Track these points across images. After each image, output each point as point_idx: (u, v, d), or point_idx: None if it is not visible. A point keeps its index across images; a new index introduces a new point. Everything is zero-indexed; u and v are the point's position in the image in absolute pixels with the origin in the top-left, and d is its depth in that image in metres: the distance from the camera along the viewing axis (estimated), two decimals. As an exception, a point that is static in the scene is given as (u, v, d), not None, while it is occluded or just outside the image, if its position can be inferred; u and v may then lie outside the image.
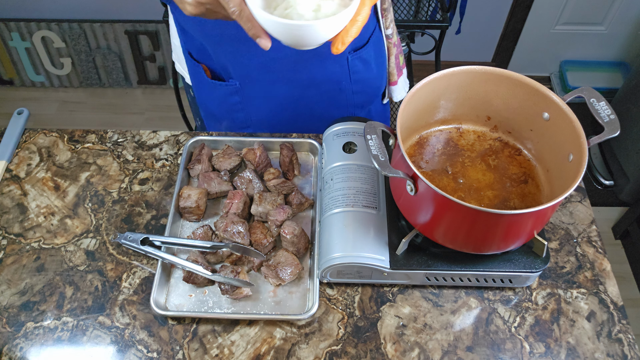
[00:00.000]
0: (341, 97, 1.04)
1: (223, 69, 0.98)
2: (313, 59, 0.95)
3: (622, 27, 2.32)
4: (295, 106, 1.04)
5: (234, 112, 1.04)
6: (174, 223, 0.86)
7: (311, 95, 1.02)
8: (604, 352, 0.76)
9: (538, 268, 0.76)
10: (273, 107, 1.03)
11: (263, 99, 1.01)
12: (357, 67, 1.01)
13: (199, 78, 1.02)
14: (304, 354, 0.76)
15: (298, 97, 1.02)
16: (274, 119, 1.05)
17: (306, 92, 1.01)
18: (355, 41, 0.97)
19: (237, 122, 1.06)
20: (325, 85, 1.01)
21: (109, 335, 0.77)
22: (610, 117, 0.72)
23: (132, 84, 2.52)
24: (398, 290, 0.82)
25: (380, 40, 1.04)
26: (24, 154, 0.99)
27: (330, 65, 0.98)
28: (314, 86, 1.01)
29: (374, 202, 0.81)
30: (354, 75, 1.02)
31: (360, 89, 1.05)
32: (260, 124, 1.06)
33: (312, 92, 1.01)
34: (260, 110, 1.04)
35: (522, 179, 0.82)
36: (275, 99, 1.01)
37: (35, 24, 2.28)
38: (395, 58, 1.08)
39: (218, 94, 1.02)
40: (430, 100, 0.81)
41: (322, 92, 1.02)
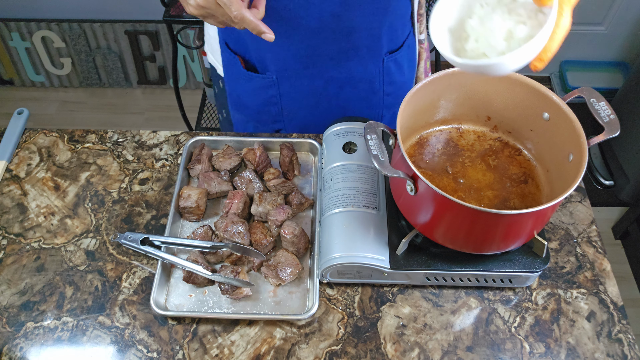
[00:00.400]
0: (374, 98, 1.05)
1: (260, 61, 0.98)
2: (353, 58, 0.96)
3: (622, 27, 2.32)
4: (329, 103, 1.04)
5: (268, 105, 1.04)
6: (174, 223, 0.86)
7: (346, 93, 1.03)
8: (604, 352, 0.76)
9: (538, 268, 0.76)
10: (307, 103, 1.03)
11: (299, 94, 1.02)
12: (391, 69, 1.02)
13: (234, 69, 1.02)
14: (304, 354, 0.76)
15: (333, 94, 1.02)
16: (306, 115, 1.05)
17: (342, 90, 1.02)
18: (391, 44, 0.99)
19: (270, 115, 1.06)
20: (360, 84, 1.02)
21: (109, 335, 0.77)
22: (610, 117, 0.72)
23: (132, 84, 2.52)
24: (398, 290, 0.82)
25: (413, 45, 1.06)
26: (24, 154, 0.99)
27: (368, 65, 0.99)
28: (350, 84, 1.01)
29: (374, 202, 0.81)
30: (387, 77, 1.02)
31: (392, 90, 1.06)
32: (291, 118, 1.06)
33: (348, 90, 1.02)
34: (294, 104, 1.04)
35: (522, 179, 0.82)
36: (311, 94, 1.02)
37: (35, 24, 2.28)
38: (424, 62, 1.10)
39: (254, 86, 1.02)
40: (430, 100, 0.81)
41: (357, 91, 1.03)
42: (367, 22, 0.91)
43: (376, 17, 0.91)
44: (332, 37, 0.91)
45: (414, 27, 1.04)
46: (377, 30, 0.93)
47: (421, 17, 1.03)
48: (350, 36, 0.92)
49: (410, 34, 1.04)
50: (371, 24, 0.92)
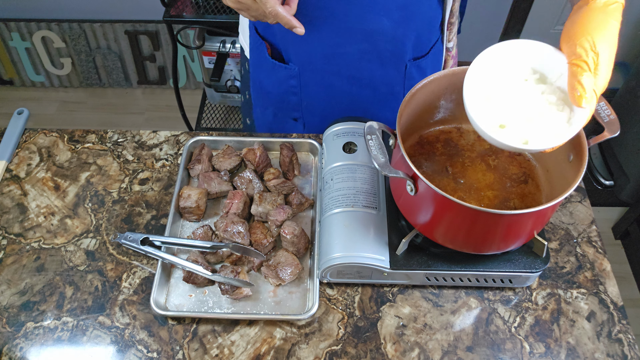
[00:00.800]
0: (393, 101, 1.05)
1: (285, 50, 0.99)
2: (374, 60, 0.96)
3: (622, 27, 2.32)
4: (349, 102, 1.04)
5: (289, 95, 1.04)
6: (174, 223, 0.86)
7: (366, 94, 1.02)
8: (604, 352, 0.76)
9: (538, 268, 0.76)
10: (328, 98, 1.04)
11: (320, 88, 1.02)
12: (413, 74, 1.02)
13: (260, 55, 1.03)
14: (304, 354, 0.76)
15: (354, 94, 1.03)
16: (325, 109, 1.06)
17: (363, 91, 1.02)
18: (417, 50, 0.99)
19: (289, 104, 1.06)
20: (381, 87, 1.02)
21: (109, 335, 0.77)
22: (610, 117, 0.71)
23: (132, 84, 2.52)
24: (398, 290, 0.82)
25: (440, 52, 1.05)
26: (24, 154, 0.99)
27: (390, 69, 0.99)
28: (370, 86, 1.01)
29: (374, 202, 0.81)
30: (408, 82, 1.02)
31: None
32: (311, 110, 1.06)
33: (368, 91, 1.02)
34: (314, 97, 1.04)
35: (522, 179, 0.82)
36: (332, 90, 1.02)
37: (35, 24, 2.28)
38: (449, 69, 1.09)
39: (276, 74, 1.02)
40: (430, 100, 0.81)
41: (378, 93, 1.03)
42: (392, 27, 0.91)
43: (402, 24, 0.91)
44: (355, 38, 0.92)
45: (443, 35, 1.03)
46: (402, 36, 0.93)
47: (452, 25, 1.02)
48: (373, 39, 0.92)
49: (438, 41, 1.03)
50: (396, 30, 0.92)
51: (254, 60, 1.05)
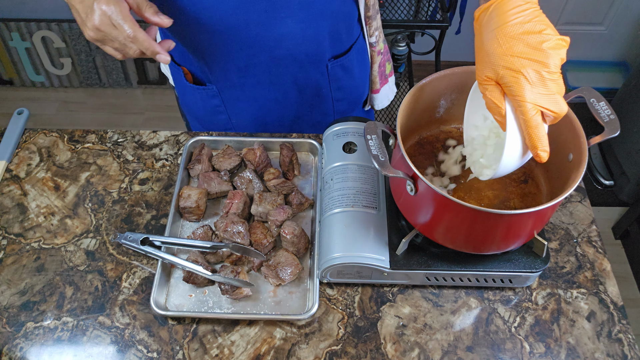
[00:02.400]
0: (323, 103, 1.04)
1: (203, 73, 0.98)
2: (292, 65, 0.95)
3: (622, 27, 2.32)
4: (279, 109, 1.03)
5: (216, 115, 1.05)
6: (174, 223, 0.86)
7: (294, 98, 1.02)
8: (604, 352, 0.76)
9: (538, 268, 0.76)
10: (256, 110, 1.03)
11: (245, 102, 1.02)
12: (337, 74, 1.00)
13: (180, 81, 1.03)
14: (304, 354, 0.76)
15: (281, 99, 1.02)
16: (257, 121, 1.05)
17: (288, 95, 1.01)
18: (336, 49, 0.97)
19: (219, 123, 1.07)
20: (306, 90, 1.01)
21: (109, 335, 0.77)
22: (610, 117, 0.71)
23: (132, 84, 2.52)
24: (398, 290, 0.82)
25: (363, 48, 1.03)
26: (24, 154, 0.99)
27: (310, 71, 0.97)
28: (296, 90, 1.00)
29: (374, 202, 0.81)
30: (334, 83, 1.01)
31: (342, 96, 1.04)
32: (242, 125, 1.06)
33: (295, 95, 1.01)
34: (242, 112, 1.04)
35: (522, 179, 0.82)
36: (258, 101, 1.01)
37: (35, 24, 2.28)
38: (379, 66, 1.07)
39: (199, 97, 1.02)
40: (430, 100, 0.81)
41: (305, 96, 1.02)
42: (300, 28, 0.88)
43: (311, 24, 0.89)
44: (265, 45, 0.89)
45: (363, 31, 1.00)
46: (314, 36, 0.91)
47: (370, 19, 0.99)
48: (284, 43, 0.90)
49: (359, 37, 1.00)
50: (305, 31, 0.89)
51: (178, 86, 1.06)
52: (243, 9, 0.83)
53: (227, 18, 0.84)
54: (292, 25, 0.87)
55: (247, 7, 0.82)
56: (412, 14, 1.87)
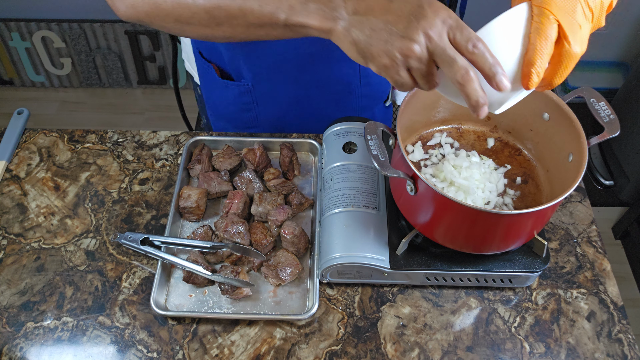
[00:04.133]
0: (348, 100, 1.04)
1: (234, 68, 0.98)
2: (327, 61, 0.95)
3: (622, 27, 2.32)
4: (301, 107, 1.03)
5: (243, 112, 1.04)
6: (174, 223, 0.86)
7: (318, 96, 1.02)
8: (604, 352, 0.76)
9: (538, 268, 0.76)
10: (281, 107, 1.03)
11: (272, 99, 1.01)
12: (368, 70, 1.00)
13: (209, 77, 1.02)
14: (304, 354, 0.76)
15: (305, 97, 1.02)
16: (280, 120, 1.05)
17: (313, 92, 1.01)
18: None
19: (244, 121, 1.06)
20: (334, 86, 1.00)
21: (109, 335, 0.77)
22: (610, 117, 0.72)
23: (132, 84, 2.52)
24: (398, 290, 0.82)
25: None
26: (24, 154, 0.99)
27: (343, 68, 0.97)
28: (322, 87, 1.00)
29: (374, 202, 0.81)
30: (364, 79, 1.01)
31: (368, 92, 1.05)
32: (266, 123, 1.06)
33: (319, 93, 1.01)
34: (268, 110, 1.03)
35: (522, 179, 0.82)
36: (284, 99, 1.01)
37: (35, 24, 2.28)
38: None
39: (229, 94, 1.01)
40: (430, 100, 0.81)
41: (331, 93, 1.02)
42: None
43: None
44: (303, 40, 0.89)
45: None
46: None
47: None
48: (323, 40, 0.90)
49: None
50: None
51: (205, 84, 1.05)
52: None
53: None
54: None
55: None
56: (412, 14, 1.87)
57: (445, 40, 0.56)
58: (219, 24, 0.69)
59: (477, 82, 0.55)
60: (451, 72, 0.56)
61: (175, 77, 2.00)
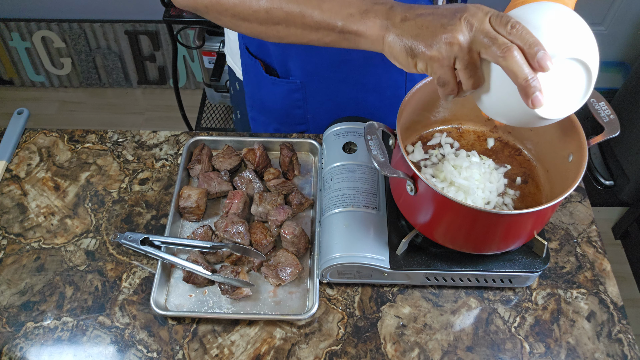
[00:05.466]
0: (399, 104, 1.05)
1: (282, 66, 0.97)
2: (379, 64, 0.95)
3: (622, 27, 2.32)
4: (355, 109, 1.03)
5: (293, 108, 1.04)
6: (174, 223, 0.86)
7: (372, 99, 1.02)
8: (604, 352, 0.76)
9: (538, 268, 0.76)
10: (333, 107, 1.03)
11: (326, 98, 1.01)
12: (414, 76, 1.01)
13: (256, 74, 1.01)
14: (304, 354, 0.76)
15: (360, 100, 1.02)
16: (331, 118, 1.05)
17: (369, 96, 1.01)
18: None
19: (294, 117, 1.05)
20: (386, 91, 1.01)
21: (109, 335, 0.77)
22: (610, 117, 0.72)
23: (132, 84, 2.52)
24: (398, 290, 0.82)
25: None
26: (24, 154, 0.99)
27: (394, 73, 0.98)
28: (377, 91, 1.01)
29: (374, 202, 0.81)
30: (410, 84, 1.02)
31: None
32: (317, 121, 1.06)
33: (374, 96, 1.02)
34: (320, 108, 1.03)
35: (522, 179, 0.82)
36: (338, 99, 1.01)
37: (35, 24, 2.28)
38: None
39: (277, 90, 1.01)
40: (430, 100, 0.81)
41: (383, 97, 1.02)
42: None
43: None
44: None
45: None
46: None
47: None
48: None
49: None
50: None
51: (250, 79, 1.05)
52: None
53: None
54: None
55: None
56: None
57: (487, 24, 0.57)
58: (276, 24, 0.69)
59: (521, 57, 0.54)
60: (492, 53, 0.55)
61: (175, 77, 2.00)
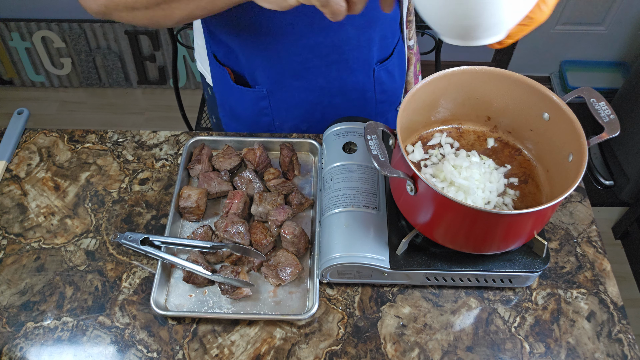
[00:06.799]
0: (366, 106, 1.06)
1: (250, 74, 0.98)
2: (343, 70, 0.96)
3: (622, 27, 2.32)
4: (322, 112, 1.04)
5: (261, 116, 1.04)
6: (174, 223, 0.86)
7: (338, 102, 1.03)
8: (604, 352, 0.76)
9: (538, 268, 0.76)
10: (300, 113, 1.04)
11: (291, 105, 1.02)
12: (382, 78, 1.02)
13: (224, 81, 1.02)
14: (304, 354, 0.76)
15: (326, 104, 1.03)
16: (299, 124, 1.06)
17: (334, 99, 1.02)
18: (382, 53, 0.99)
19: (261, 125, 1.06)
20: (352, 93, 1.02)
21: (109, 335, 0.77)
22: (610, 117, 0.72)
23: (132, 84, 2.52)
24: (398, 290, 0.82)
25: (402, 51, 1.06)
26: (24, 154, 0.99)
27: (360, 76, 0.99)
28: (342, 94, 1.01)
29: (374, 202, 0.81)
30: (378, 86, 1.03)
31: (384, 98, 1.07)
32: (284, 128, 1.07)
33: (340, 100, 1.02)
34: (287, 115, 1.04)
35: (522, 179, 0.82)
36: (304, 105, 1.02)
37: (35, 24, 2.28)
38: (413, 67, 1.11)
39: (244, 99, 1.02)
40: (430, 100, 0.81)
41: (349, 100, 1.03)
42: (357, 35, 0.91)
43: (366, 29, 0.91)
44: (323, 51, 0.92)
45: (403, 34, 1.04)
46: (368, 41, 0.93)
47: (410, 23, 1.03)
48: (340, 49, 0.92)
49: (399, 41, 1.03)
50: (361, 37, 0.92)
51: (220, 87, 1.05)
52: (310, 15, 0.84)
53: (294, 23, 0.86)
54: (351, 31, 0.90)
55: (314, 13, 0.83)
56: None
57: None
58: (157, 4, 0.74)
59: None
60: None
61: (175, 77, 2.00)
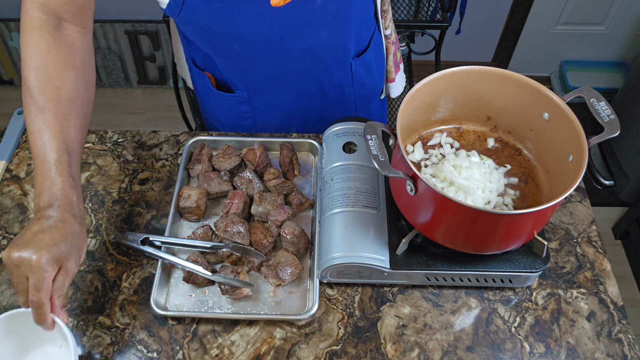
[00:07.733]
0: (346, 101, 1.05)
1: (229, 79, 0.98)
2: (320, 70, 0.96)
3: (622, 27, 2.32)
4: (303, 113, 1.04)
5: (242, 120, 1.05)
6: (174, 223, 0.86)
7: (318, 101, 1.03)
8: (604, 352, 0.76)
9: (538, 268, 0.76)
10: (281, 115, 1.04)
11: (271, 108, 1.02)
12: (360, 72, 1.02)
13: (204, 86, 1.02)
14: (304, 354, 0.76)
15: (306, 106, 1.03)
16: (281, 126, 1.06)
17: (313, 100, 1.02)
18: (357, 47, 0.99)
19: (244, 128, 1.07)
20: (329, 92, 1.02)
21: (109, 335, 0.77)
22: (610, 117, 0.72)
23: (132, 84, 2.52)
24: (398, 290, 0.82)
25: (379, 42, 1.05)
26: (24, 154, 0.99)
27: (335, 74, 0.99)
28: (321, 94, 1.01)
29: (374, 202, 0.81)
30: (357, 82, 1.02)
31: (363, 92, 1.06)
32: (266, 129, 1.07)
33: (319, 100, 1.02)
34: (268, 118, 1.04)
35: (522, 179, 0.82)
36: (284, 107, 1.02)
37: (35, 24, 2.28)
38: (393, 56, 1.09)
39: (225, 103, 1.02)
40: (430, 100, 0.81)
41: (328, 99, 1.03)
42: (331, 36, 0.90)
43: (340, 30, 0.91)
44: (297, 55, 0.91)
45: (379, 24, 1.03)
46: (342, 39, 0.93)
47: (385, 13, 1.01)
48: (315, 52, 0.92)
49: (375, 32, 1.03)
50: (335, 36, 0.91)
51: (201, 91, 1.05)
52: (281, 22, 0.84)
53: (264, 30, 0.85)
54: (324, 34, 0.89)
55: (284, 20, 0.83)
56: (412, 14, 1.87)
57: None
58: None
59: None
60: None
61: (175, 77, 2.00)
